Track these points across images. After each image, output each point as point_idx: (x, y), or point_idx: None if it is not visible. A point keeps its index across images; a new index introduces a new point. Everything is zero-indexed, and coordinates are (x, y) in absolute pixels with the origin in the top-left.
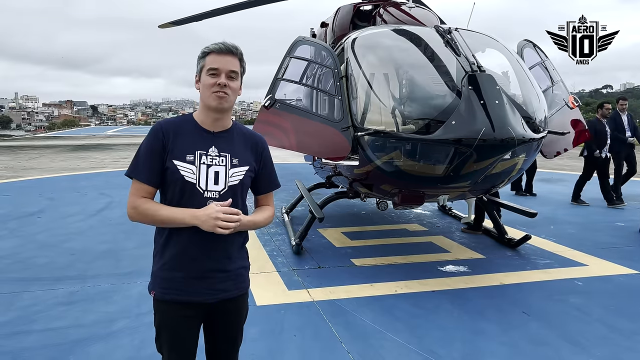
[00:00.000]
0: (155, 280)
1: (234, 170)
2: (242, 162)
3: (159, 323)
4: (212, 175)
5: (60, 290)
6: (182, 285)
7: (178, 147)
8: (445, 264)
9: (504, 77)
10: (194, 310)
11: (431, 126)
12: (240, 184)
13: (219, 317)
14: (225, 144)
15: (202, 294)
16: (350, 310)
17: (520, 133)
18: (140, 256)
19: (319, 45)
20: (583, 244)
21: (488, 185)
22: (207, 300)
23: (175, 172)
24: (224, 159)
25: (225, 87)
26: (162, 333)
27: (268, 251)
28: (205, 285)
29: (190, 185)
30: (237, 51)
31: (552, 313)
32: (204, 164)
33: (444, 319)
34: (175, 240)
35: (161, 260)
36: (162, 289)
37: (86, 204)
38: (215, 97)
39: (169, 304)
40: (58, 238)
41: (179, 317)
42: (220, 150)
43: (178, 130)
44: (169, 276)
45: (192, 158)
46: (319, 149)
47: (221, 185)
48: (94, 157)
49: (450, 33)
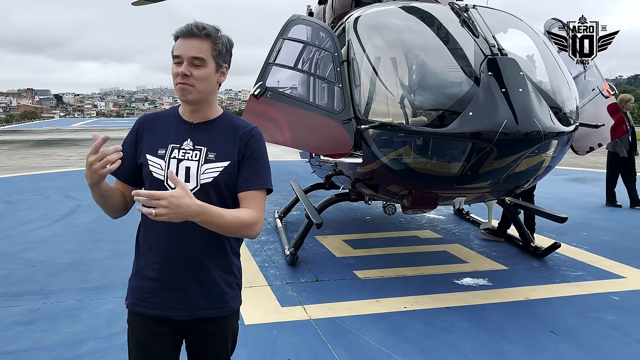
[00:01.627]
0: (129, 289)
1: (207, 165)
2: (219, 157)
3: (129, 339)
4: (183, 172)
5: (18, 307)
6: (152, 297)
7: (152, 140)
8: (462, 277)
9: (528, 62)
10: (167, 327)
11: (445, 118)
12: (215, 183)
13: (198, 338)
14: (204, 137)
15: (175, 308)
16: (352, 330)
17: (547, 126)
18: (111, 268)
19: (317, 25)
20: (620, 253)
21: (511, 186)
22: (181, 316)
23: (145, 167)
24: (198, 152)
25: (187, 77)
26: (133, 352)
27: (258, 262)
28: (179, 299)
29: (158, 182)
30: (203, 32)
31: (584, 332)
32: (174, 158)
33: (460, 340)
34: (147, 243)
35: (135, 266)
36: (134, 299)
37: (49, 208)
38: (178, 88)
39: (141, 317)
40: (16, 247)
41: (149, 334)
42: (195, 144)
43: (157, 122)
44: (140, 285)
45: (162, 152)
46: (316, 145)
47: (192, 183)
48: (58, 153)
49: (467, 11)
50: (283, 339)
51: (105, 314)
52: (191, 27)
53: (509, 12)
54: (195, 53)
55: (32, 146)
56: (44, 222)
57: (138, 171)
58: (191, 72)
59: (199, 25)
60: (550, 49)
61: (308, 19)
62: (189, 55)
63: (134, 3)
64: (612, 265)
